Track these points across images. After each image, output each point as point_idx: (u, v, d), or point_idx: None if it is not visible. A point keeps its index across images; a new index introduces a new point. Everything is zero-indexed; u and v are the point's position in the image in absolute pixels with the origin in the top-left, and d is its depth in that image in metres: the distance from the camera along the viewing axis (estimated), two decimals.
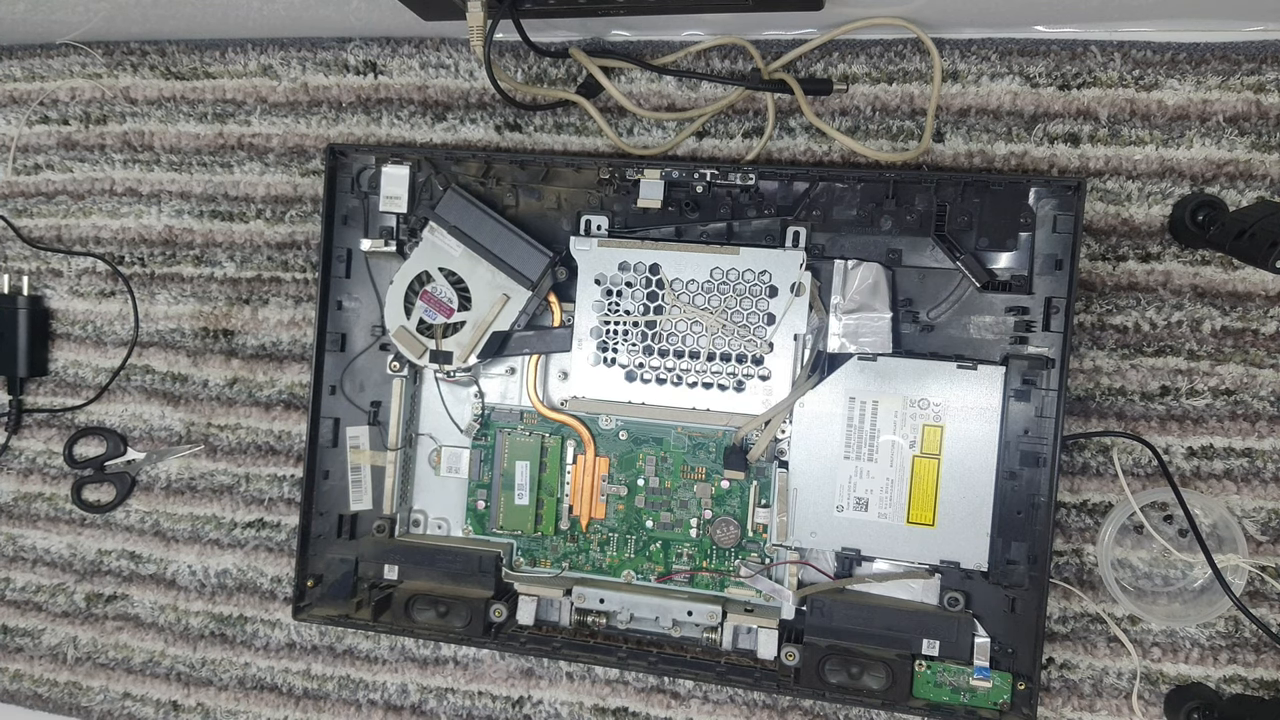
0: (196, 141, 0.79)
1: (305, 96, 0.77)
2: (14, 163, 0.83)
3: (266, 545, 0.79)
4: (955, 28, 0.67)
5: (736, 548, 0.67)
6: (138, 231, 0.81)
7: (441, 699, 0.76)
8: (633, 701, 0.73)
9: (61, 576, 0.83)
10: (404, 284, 0.69)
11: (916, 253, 0.65)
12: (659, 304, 0.66)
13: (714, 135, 0.70)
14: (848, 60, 0.68)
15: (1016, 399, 0.63)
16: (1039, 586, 0.62)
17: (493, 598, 0.68)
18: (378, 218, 0.71)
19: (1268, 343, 0.65)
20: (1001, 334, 0.64)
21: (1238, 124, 0.64)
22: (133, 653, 0.81)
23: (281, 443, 0.79)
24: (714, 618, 0.66)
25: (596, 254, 0.67)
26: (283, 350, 0.78)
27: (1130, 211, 0.66)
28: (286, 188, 0.78)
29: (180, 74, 0.79)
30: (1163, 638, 0.67)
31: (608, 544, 0.69)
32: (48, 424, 0.83)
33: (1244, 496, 0.65)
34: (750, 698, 0.71)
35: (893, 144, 0.68)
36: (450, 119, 0.74)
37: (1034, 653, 0.62)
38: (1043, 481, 0.62)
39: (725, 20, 0.67)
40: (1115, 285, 0.66)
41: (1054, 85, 0.66)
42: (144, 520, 0.81)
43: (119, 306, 0.81)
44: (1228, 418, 0.66)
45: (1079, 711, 0.67)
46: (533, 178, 0.69)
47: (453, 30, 0.73)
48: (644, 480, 0.68)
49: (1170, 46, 0.65)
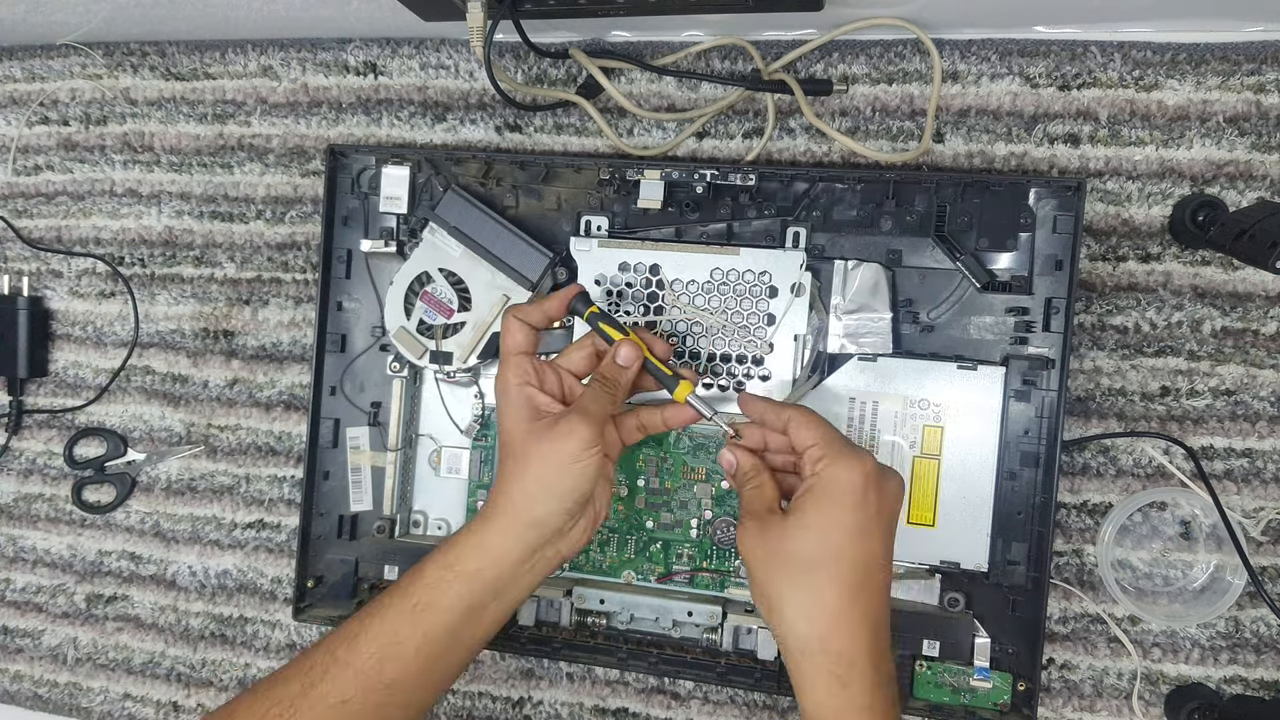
0: (196, 142, 0.79)
1: (305, 97, 0.77)
2: (14, 163, 0.83)
3: (267, 546, 0.79)
4: (955, 28, 0.67)
5: (737, 548, 0.67)
6: (138, 232, 0.81)
7: (441, 699, 0.76)
8: (633, 702, 0.73)
9: (62, 577, 0.83)
10: (404, 284, 0.69)
11: (916, 253, 0.65)
12: (659, 304, 0.66)
13: (714, 136, 0.70)
14: (848, 61, 0.68)
15: (1016, 399, 0.63)
16: (1039, 587, 0.62)
17: None
18: (378, 218, 0.71)
19: (1268, 343, 0.65)
20: (1001, 334, 0.64)
21: (1238, 124, 0.64)
22: (133, 653, 0.81)
23: (282, 443, 0.79)
24: (714, 618, 0.66)
25: (596, 254, 0.67)
26: (283, 351, 0.78)
27: (1130, 212, 0.66)
28: (287, 188, 0.78)
29: (180, 75, 0.79)
30: (1163, 638, 0.67)
31: (608, 544, 0.69)
32: (48, 425, 0.83)
33: (1244, 497, 0.65)
34: (750, 698, 0.71)
35: (893, 144, 0.68)
36: (450, 120, 0.74)
37: (1034, 653, 0.62)
38: (1042, 482, 0.63)
39: (725, 21, 0.67)
40: (1115, 286, 0.66)
41: (1054, 86, 0.66)
42: (144, 521, 0.81)
43: (119, 307, 0.81)
44: (1228, 418, 0.66)
45: (1079, 712, 0.67)
46: (533, 178, 0.69)
47: (453, 31, 0.73)
48: (644, 481, 0.68)
49: (1170, 47, 0.65)
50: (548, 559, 0.56)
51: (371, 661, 0.52)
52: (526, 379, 0.57)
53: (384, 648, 0.52)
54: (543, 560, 0.56)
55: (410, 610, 0.53)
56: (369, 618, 0.53)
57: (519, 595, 0.56)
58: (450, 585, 0.53)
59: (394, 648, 0.52)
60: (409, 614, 0.53)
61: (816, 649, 0.50)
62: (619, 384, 0.56)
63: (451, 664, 0.55)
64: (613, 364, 0.57)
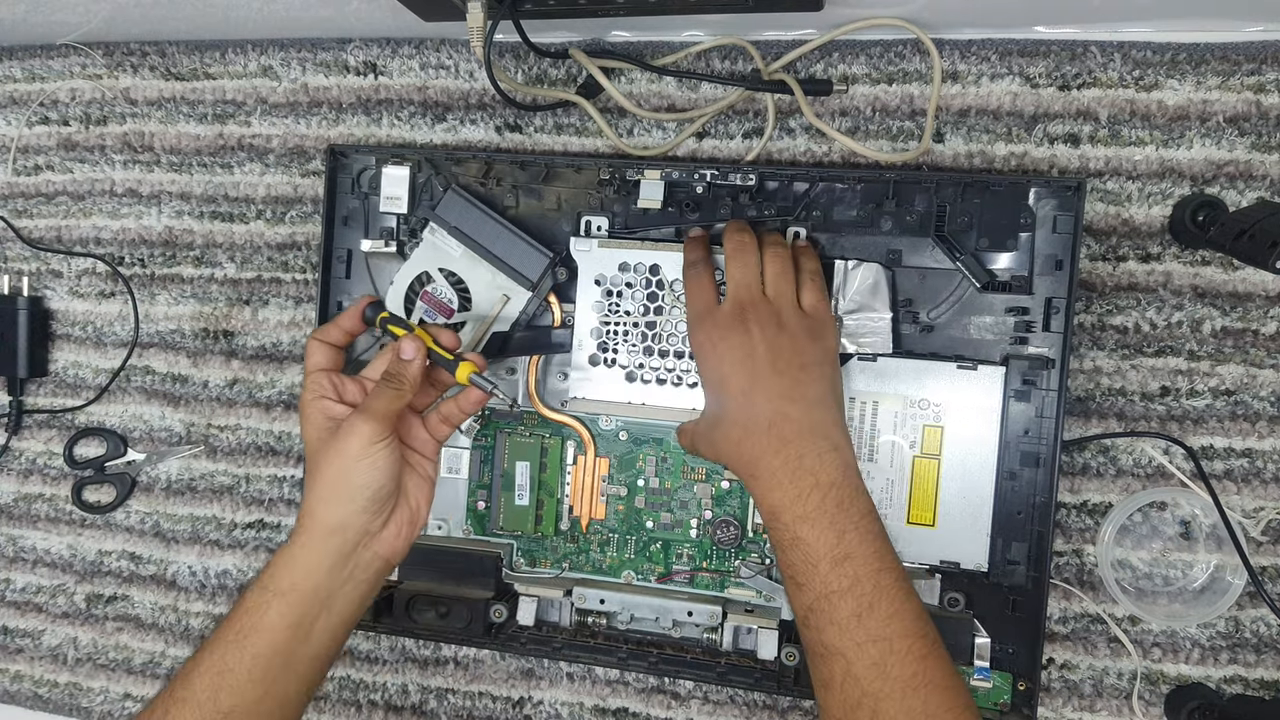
0: (197, 142, 0.79)
1: (305, 97, 0.77)
2: (14, 163, 0.83)
3: (267, 546, 0.79)
4: (955, 28, 0.67)
5: (737, 548, 0.67)
6: (138, 232, 0.81)
7: (442, 699, 0.76)
8: (633, 702, 0.73)
9: (62, 577, 0.83)
10: (404, 285, 0.69)
11: (916, 253, 0.65)
12: (659, 305, 0.66)
13: (714, 136, 0.70)
14: (848, 61, 0.68)
15: (1016, 399, 0.63)
16: (1039, 587, 0.62)
17: (493, 598, 0.68)
18: (378, 218, 0.71)
19: (1268, 343, 0.65)
20: (1001, 334, 0.64)
21: (1238, 124, 0.64)
22: (133, 653, 0.81)
23: (282, 443, 0.79)
24: (714, 618, 0.66)
25: (596, 255, 0.67)
26: (283, 351, 0.78)
27: (1130, 212, 0.66)
28: (287, 188, 0.78)
29: (180, 75, 0.79)
30: (1163, 638, 0.67)
31: (608, 544, 0.69)
32: (48, 425, 0.83)
33: (1244, 497, 0.65)
34: (750, 698, 0.71)
35: (893, 144, 0.68)
36: (450, 120, 0.74)
37: (1034, 653, 0.62)
38: (1042, 481, 0.63)
39: (725, 21, 0.67)
40: (1115, 286, 0.66)
41: (1054, 86, 0.66)
42: (144, 521, 0.81)
43: (119, 307, 0.81)
44: (1228, 418, 0.66)
45: (1079, 712, 0.67)
46: (533, 178, 0.69)
47: (453, 31, 0.73)
48: (644, 481, 0.68)
49: (1170, 47, 0.65)
50: (366, 563, 0.57)
51: (206, 694, 0.53)
52: (322, 393, 0.58)
53: (215, 678, 0.53)
54: (361, 566, 0.56)
55: (235, 636, 0.54)
56: (200, 653, 0.55)
57: (349, 608, 0.57)
58: (270, 605, 0.54)
59: (225, 676, 0.53)
60: (235, 641, 0.54)
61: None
62: (405, 378, 0.57)
63: (290, 686, 0.55)
64: (396, 359, 0.58)
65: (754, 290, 0.59)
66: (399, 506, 0.58)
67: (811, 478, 0.53)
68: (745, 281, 0.59)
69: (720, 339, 0.58)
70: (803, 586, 0.53)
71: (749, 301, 0.58)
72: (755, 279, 0.59)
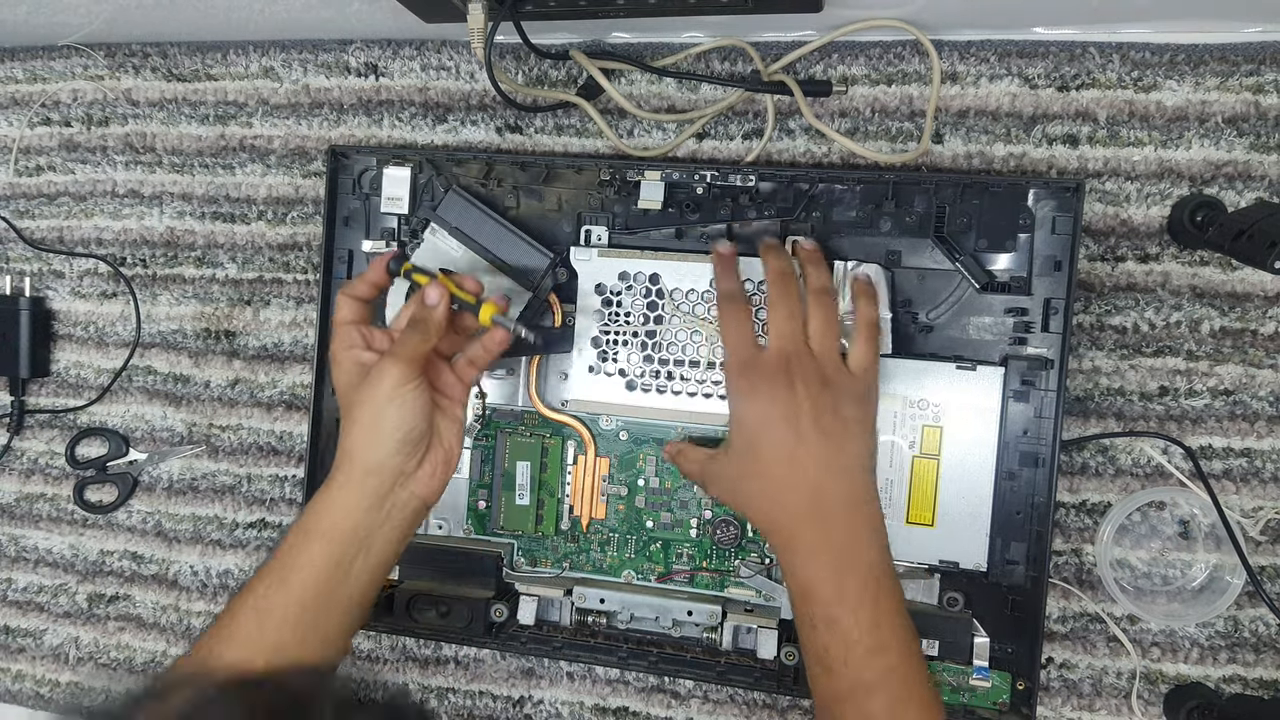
0: (198, 143, 0.79)
1: (307, 98, 0.77)
2: (16, 164, 0.83)
3: (268, 545, 0.79)
4: (954, 29, 0.67)
5: (736, 548, 0.67)
6: (139, 233, 0.81)
7: (442, 699, 0.76)
8: (633, 701, 0.73)
9: (63, 577, 0.83)
10: (405, 285, 0.69)
11: (916, 254, 0.65)
12: (659, 313, 0.66)
13: (714, 137, 0.71)
14: (847, 62, 0.68)
15: (1015, 400, 0.63)
16: (1038, 586, 0.62)
17: (493, 598, 0.69)
18: (379, 219, 0.72)
19: (1266, 343, 0.65)
20: (1000, 335, 0.64)
21: (1236, 125, 0.64)
22: (135, 653, 0.82)
23: (283, 443, 0.79)
24: (714, 618, 0.66)
25: (596, 264, 0.67)
26: (284, 351, 0.79)
27: (1129, 212, 0.66)
28: (288, 189, 0.78)
29: (182, 76, 0.79)
30: (1162, 637, 0.67)
31: (608, 544, 0.69)
32: (50, 425, 0.83)
33: (1243, 496, 0.66)
34: (750, 698, 0.71)
35: (892, 145, 0.68)
36: (451, 120, 0.74)
37: (1033, 652, 0.62)
38: (1041, 481, 0.63)
39: (725, 22, 0.68)
40: (1114, 286, 0.66)
41: (1053, 87, 0.66)
42: (146, 521, 0.81)
43: (121, 307, 0.82)
44: (1227, 418, 0.66)
45: (1078, 711, 0.67)
46: (533, 179, 0.69)
47: (453, 32, 0.73)
48: (644, 480, 0.68)
49: (1169, 48, 0.65)
50: (403, 503, 0.57)
51: (252, 630, 0.54)
52: (352, 343, 0.59)
53: (259, 616, 0.54)
54: (398, 507, 0.57)
55: (277, 577, 0.55)
56: (243, 593, 0.55)
57: (387, 548, 0.57)
58: (310, 546, 0.55)
59: (269, 615, 0.54)
60: (276, 583, 0.55)
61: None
62: (430, 322, 0.57)
63: (332, 626, 0.56)
64: (420, 305, 0.58)
65: (798, 341, 0.57)
66: (432, 447, 0.58)
67: (851, 558, 0.53)
68: (789, 332, 0.57)
69: (764, 391, 0.56)
70: (832, 672, 0.52)
71: (794, 354, 0.56)
72: (799, 329, 0.58)
